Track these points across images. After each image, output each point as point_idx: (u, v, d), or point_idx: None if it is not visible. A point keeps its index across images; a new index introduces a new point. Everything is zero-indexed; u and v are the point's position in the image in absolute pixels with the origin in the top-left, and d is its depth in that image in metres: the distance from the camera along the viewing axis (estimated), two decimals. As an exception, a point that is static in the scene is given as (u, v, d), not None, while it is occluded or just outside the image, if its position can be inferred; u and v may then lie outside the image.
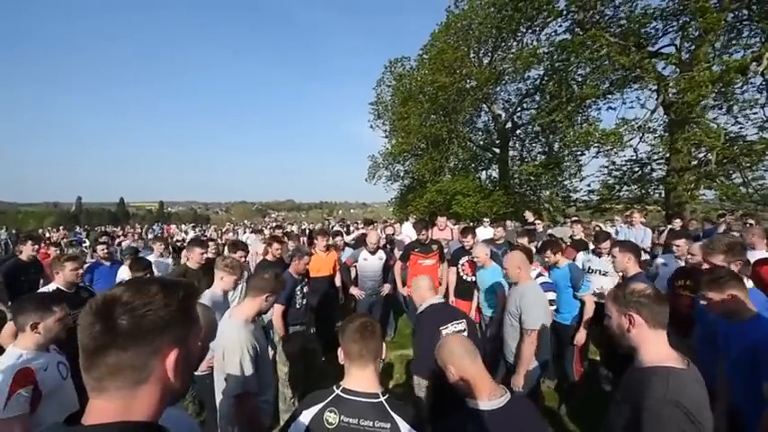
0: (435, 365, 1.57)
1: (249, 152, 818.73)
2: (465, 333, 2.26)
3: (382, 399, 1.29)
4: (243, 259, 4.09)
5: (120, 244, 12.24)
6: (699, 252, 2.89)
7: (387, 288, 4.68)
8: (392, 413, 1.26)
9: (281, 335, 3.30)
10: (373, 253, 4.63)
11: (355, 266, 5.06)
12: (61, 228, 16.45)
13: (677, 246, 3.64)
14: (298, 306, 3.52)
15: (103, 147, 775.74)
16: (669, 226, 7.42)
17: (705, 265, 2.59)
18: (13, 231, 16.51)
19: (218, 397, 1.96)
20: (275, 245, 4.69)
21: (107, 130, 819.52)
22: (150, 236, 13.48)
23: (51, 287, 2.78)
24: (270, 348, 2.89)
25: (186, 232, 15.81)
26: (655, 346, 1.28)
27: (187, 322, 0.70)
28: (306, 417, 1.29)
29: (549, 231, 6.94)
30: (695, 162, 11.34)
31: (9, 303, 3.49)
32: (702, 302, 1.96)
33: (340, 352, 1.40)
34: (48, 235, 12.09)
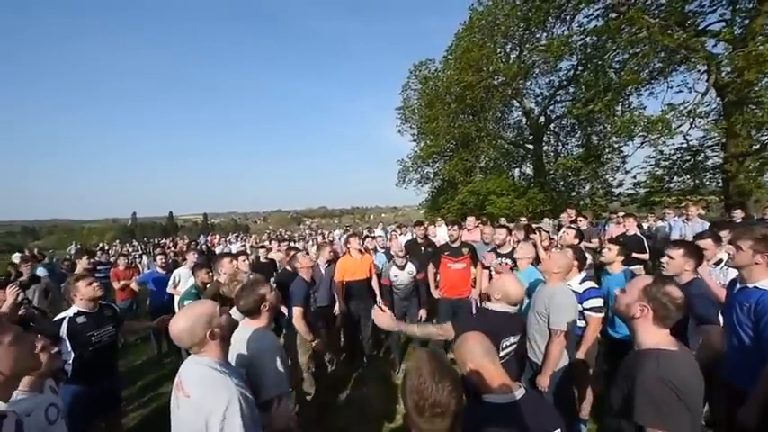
0: None
1: (283, 162, 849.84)
2: (513, 348, 2.16)
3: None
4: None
5: (176, 255, 12.98)
6: None
7: (422, 313, 4.53)
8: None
9: (308, 338, 3.24)
10: (402, 267, 4.46)
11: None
12: (117, 242, 17.84)
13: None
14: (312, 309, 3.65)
15: (154, 165, 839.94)
16: (729, 218, 6.73)
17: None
18: (79, 246, 18.15)
19: None
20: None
21: (157, 150, 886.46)
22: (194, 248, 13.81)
23: (72, 311, 2.50)
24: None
25: (230, 242, 14.70)
26: (651, 334, 1.35)
27: None
28: None
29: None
30: (757, 146, 10.21)
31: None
32: None
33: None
34: (103, 246, 12.96)
